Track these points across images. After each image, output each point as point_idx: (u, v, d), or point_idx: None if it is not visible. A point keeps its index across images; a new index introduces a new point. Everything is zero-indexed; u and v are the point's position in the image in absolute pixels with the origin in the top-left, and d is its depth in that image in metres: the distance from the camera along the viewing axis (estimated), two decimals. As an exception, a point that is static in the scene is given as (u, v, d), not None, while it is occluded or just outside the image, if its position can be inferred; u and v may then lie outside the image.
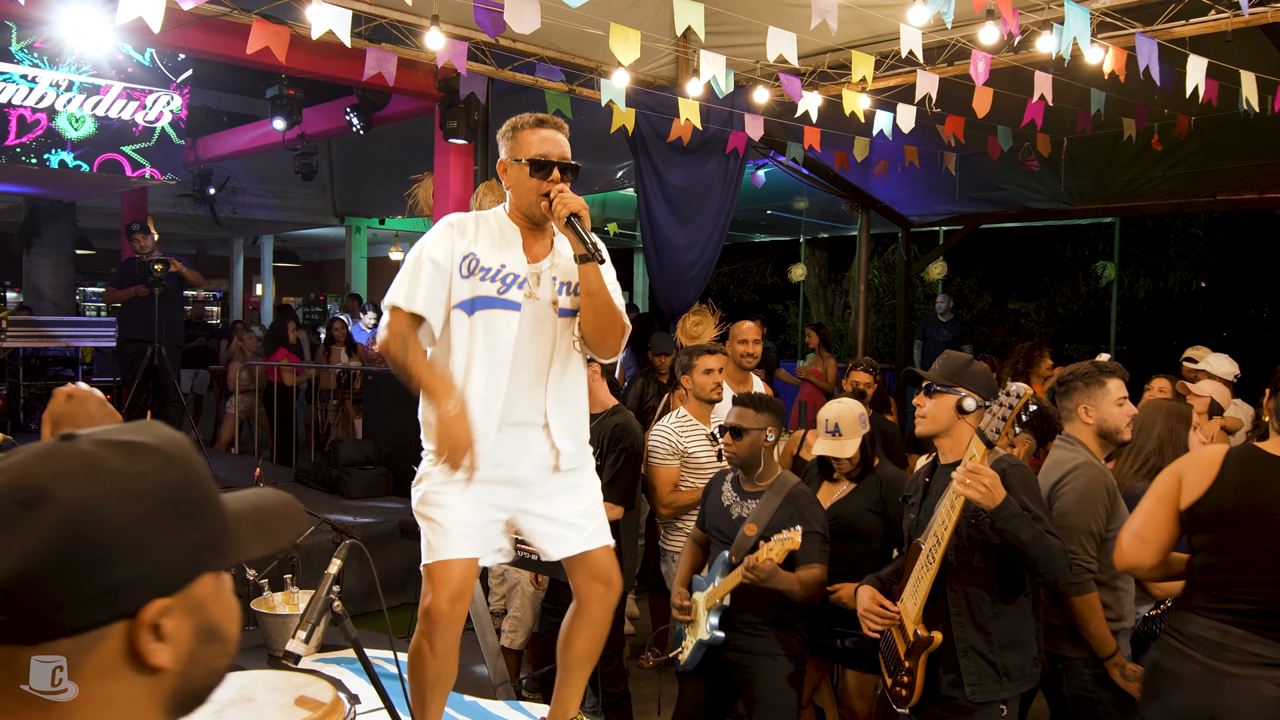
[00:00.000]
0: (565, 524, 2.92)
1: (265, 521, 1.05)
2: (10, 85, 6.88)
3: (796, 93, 5.79)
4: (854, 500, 3.95)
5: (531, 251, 2.86)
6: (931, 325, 11.22)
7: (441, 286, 2.78)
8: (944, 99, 6.34)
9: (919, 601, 2.98)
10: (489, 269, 2.79)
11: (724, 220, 7.64)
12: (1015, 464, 2.98)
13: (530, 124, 2.83)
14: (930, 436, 3.14)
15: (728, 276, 20.47)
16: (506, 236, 2.85)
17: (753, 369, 5.41)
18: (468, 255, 2.79)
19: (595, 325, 2.85)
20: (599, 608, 3.00)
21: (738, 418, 3.76)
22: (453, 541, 2.74)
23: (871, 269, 16.71)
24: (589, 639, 3.04)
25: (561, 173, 2.79)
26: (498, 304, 2.78)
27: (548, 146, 2.80)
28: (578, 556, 2.95)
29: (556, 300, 2.85)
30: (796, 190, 11.29)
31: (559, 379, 2.86)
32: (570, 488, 2.94)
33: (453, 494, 2.77)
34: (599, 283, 2.78)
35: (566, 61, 6.81)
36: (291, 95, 6.95)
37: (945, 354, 3.21)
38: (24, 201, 11.70)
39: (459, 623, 2.76)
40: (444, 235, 2.83)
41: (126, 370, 8.14)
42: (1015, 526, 2.75)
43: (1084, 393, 3.39)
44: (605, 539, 2.99)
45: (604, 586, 2.98)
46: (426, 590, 2.73)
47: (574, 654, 3.07)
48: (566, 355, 2.89)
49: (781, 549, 3.34)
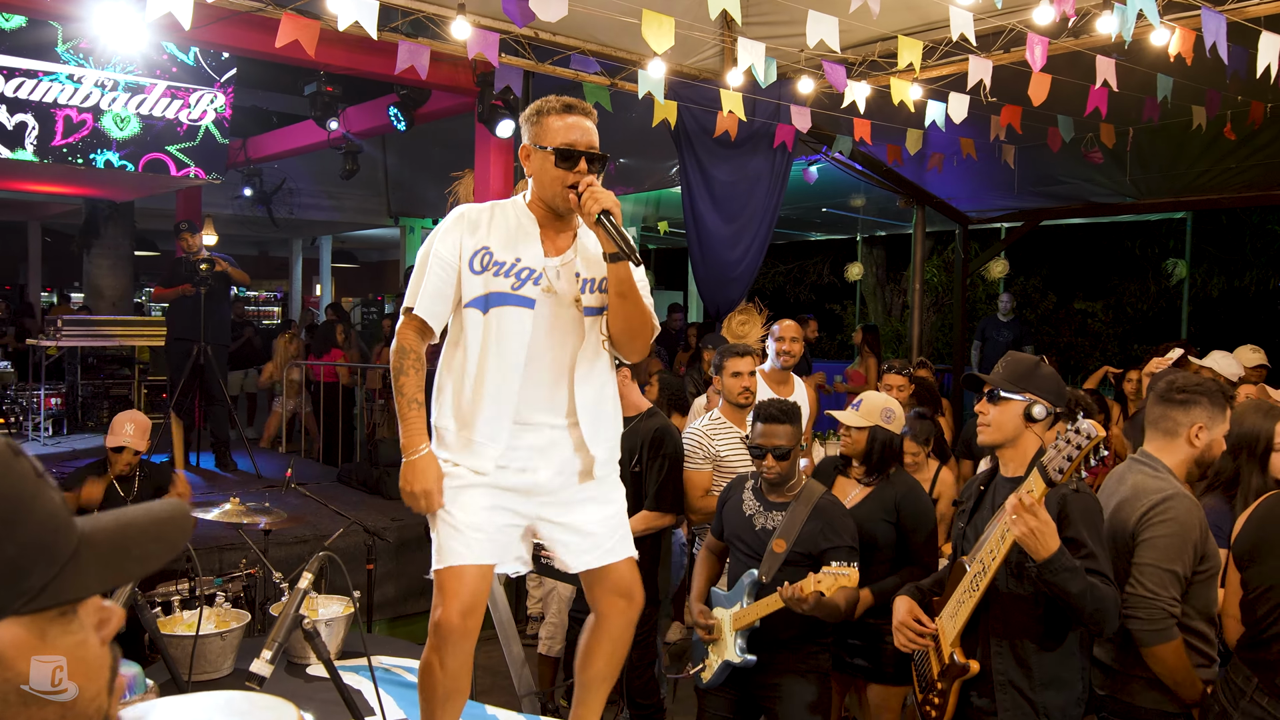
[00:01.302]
0: (587, 534, 2.75)
1: (124, 545, 0.87)
2: (56, 85, 6.95)
3: (840, 81, 5.56)
4: (867, 507, 3.75)
5: (552, 244, 2.70)
6: (991, 325, 10.87)
7: (448, 283, 2.65)
8: (1000, 88, 6.05)
9: (958, 625, 2.77)
10: (503, 263, 2.64)
11: (770, 217, 7.42)
12: (1079, 492, 2.70)
13: (557, 109, 2.66)
14: (995, 447, 2.88)
15: (784, 276, 20.22)
16: (524, 228, 2.69)
17: (791, 369, 5.20)
18: (480, 249, 2.64)
19: (625, 327, 2.69)
20: (620, 623, 2.84)
21: (778, 437, 3.54)
22: (466, 545, 2.59)
23: (930, 268, 16.36)
24: (609, 656, 2.88)
25: (589, 163, 2.62)
26: (511, 300, 2.63)
27: (574, 134, 2.63)
28: (598, 570, 2.78)
29: (580, 298, 2.68)
30: (852, 187, 11.01)
31: (586, 380, 2.69)
32: (595, 496, 2.77)
33: (469, 496, 2.63)
34: (630, 283, 2.61)
35: (608, 55, 6.65)
36: (330, 92, 6.91)
37: (1010, 355, 2.93)
38: (83, 203, 11.91)
39: (471, 637, 2.61)
40: (453, 229, 2.69)
41: (174, 369, 8.20)
42: (1064, 580, 2.51)
43: (1206, 411, 2.93)
44: (628, 551, 2.83)
45: (625, 601, 2.81)
46: (437, 601, 2.58)
47: (592, 672, 2.90)
48: (594, 355, 2.72)
49: (833, 584, 3.16)
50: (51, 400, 10.38)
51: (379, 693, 2.71)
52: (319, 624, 3.95)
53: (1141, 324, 15.39)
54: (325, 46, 6.10)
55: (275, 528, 5.00)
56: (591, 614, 2.88)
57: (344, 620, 4.00)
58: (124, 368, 11.20)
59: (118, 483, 4.92)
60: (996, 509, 2.78)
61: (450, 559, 2.58)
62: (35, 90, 6.87)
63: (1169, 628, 2.75)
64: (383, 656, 4.04)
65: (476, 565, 2.59)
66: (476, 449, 2.62)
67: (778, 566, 3.47)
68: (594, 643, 2.87)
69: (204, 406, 8.32)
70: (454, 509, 2.62)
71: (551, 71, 6.49)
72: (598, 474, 2.74)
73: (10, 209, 15.78)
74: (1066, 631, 2.71)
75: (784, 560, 3.47)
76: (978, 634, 2.78)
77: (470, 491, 2.63)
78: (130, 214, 12.14)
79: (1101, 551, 2.64)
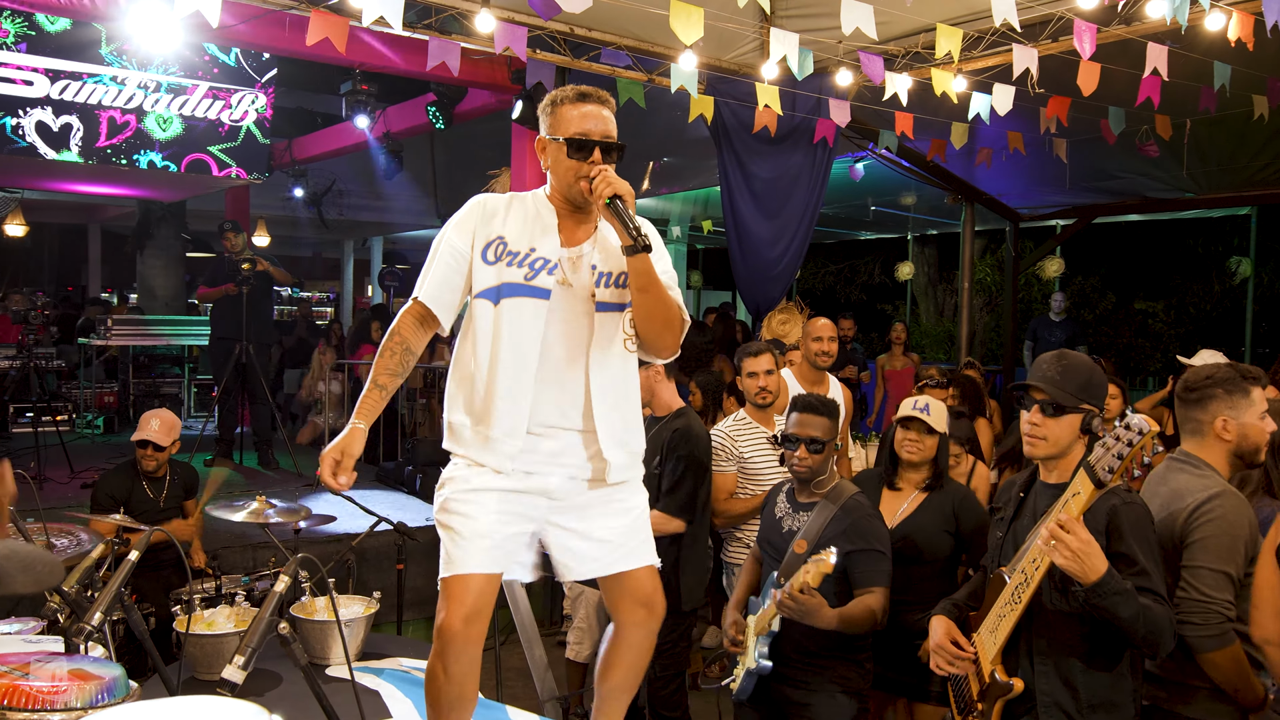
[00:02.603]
0: (600, 541, 2.65)
1: None
2: (100, 87, 7.05)
3: (877, 73, 5.40)
4: (924, 518, 3.56)
5: (570, 236, 2.60)
6: (1043, 325, 10.57)
7: (458, 272, 2.58)
8: (1049, 78, 5.85)
9: (999, 642, 2.59)
10: (517, 253, 2.55)
11: (811, 214, 7.28)
12: (1130, 500, 2.51)
13: (571, 98, 2.58)
14: (1048, 459, 2.67)
15: (834, 275, 20.00)
16: (542, 219, 2.60)
17: (828, 368, 5.06)
18: (494, 239, 2.56)
19: (649, 322, 2.58)
20: (640, 634, 2.74)
21: (813, 428, 3.40)
22: (471, 554, 2.51)
23: (983, 267, 16.03)
24: (629, 667, 2.78)
25: (604, 153, 2.53)
26: (524, 291, 2.54)
27: (589, 124, 2.54)
28: (616, 577, 2.68)
29: (595, 292, 2.58)
30: (901, 184, 10.78)
31: (600, 379, 2.59)
32: (610, 501, 2.67)
33: (477, 503, 2.54)
34: (650, 275, 2.50)
35: (645, 50, 6.56)
36: (365, 90, 6.92)
37: (1064, 360, 2.67)
38: (137, 205, 12.12)
39: (476, 644, 2.53)
40: (468, 218, 2.61)
41: (218, 367, 8.29)
42: (1114, 604, 2.33)
43: (1224, 401, 2.80)
44: (649, 558, 2.72)
45: (645, 611, 2.71)
46: (441, 607, 2.51)
47: (612, 683, 2.81)
48: (610, 354, 2.61)
49: (817, 573, 3.00)
50: (105, 397, 10.60)
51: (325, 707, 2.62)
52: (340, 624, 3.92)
53: (1205, 325, 14.96)
54: (359, 45, 6.11)
55: (305, 527, 5.00)
56: (611, 624, 2.79)
57: (364, 621, 3.95)
58: (175, 366, 11.40)
59: (147, 483, 4.94)
60: (1039, 516, 2.62)
61: (455, 567, 2.50)
62: (80, 92, 6.98)
63: (1226, 632, 2.60)
64: (403, 659, 3.99)
65: (483, 574, 2.51)
66: (494, 445, 2.54)
67: (798, 568, 3.33)
68: (613, 653, 2.78)
69: (248, 405, 8.39)
70: (461, 516, 2.53)
71: (585, 67, 6.41)
72: (612, 479, 2.64)
73: (70, 212, 16.17)
74: (1117, 650, 2.53)
75: (803, 561, 3.33)
76: (1019, 651, 2.60)
77: (480, 497, 2.54)
78: (182, 215, 12.32)
79: (1155, 567, 2.46)
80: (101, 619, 1.98)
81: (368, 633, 4.03)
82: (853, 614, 3.16)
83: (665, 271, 2.57)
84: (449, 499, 2.57)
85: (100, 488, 4.93)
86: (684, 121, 6.71)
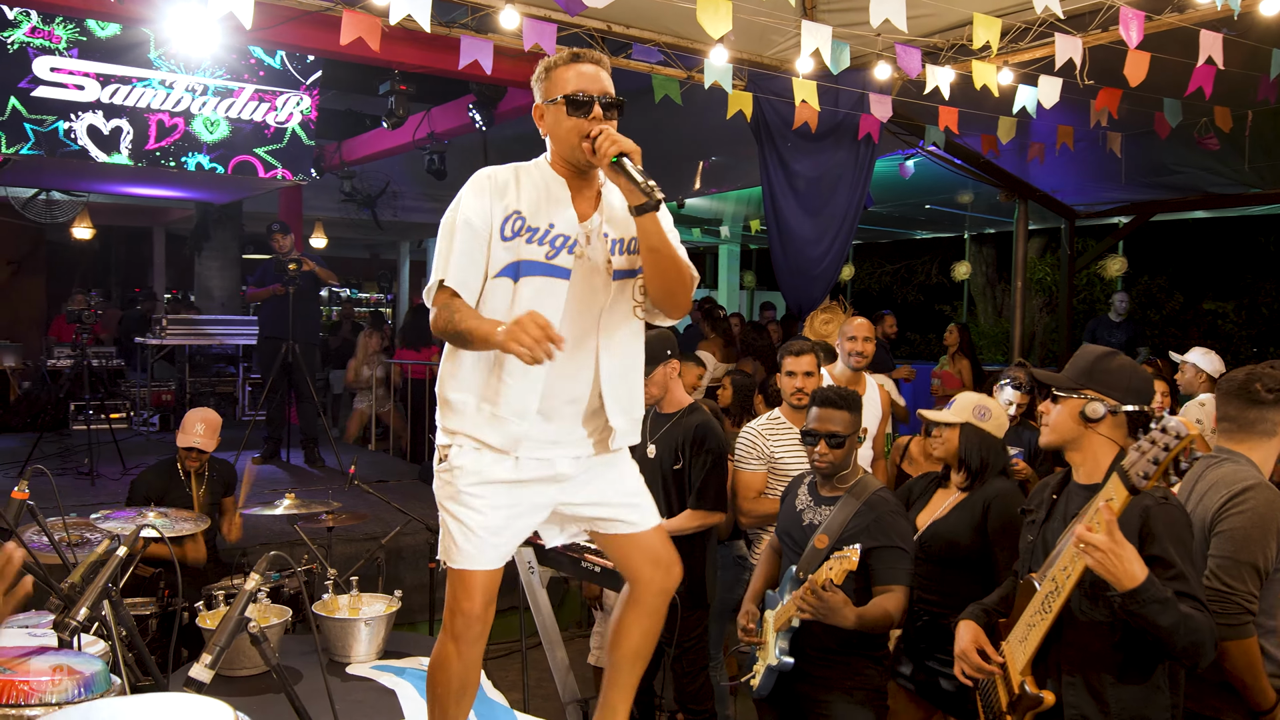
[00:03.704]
0: (617, 504, 2.66)
1: None
2: (149, 91, 7.20)
3: (913, 67, 5.27)
4: (956, 519, 3.43)
5: (580, 208, 2.53)
6: (1103, 326, 10.25)
7: (480, 251, 2.46)
8: (1100, 69, 5.65)
9: (1028, 652, 2.48)
10: (536, 229, 2.46)
11: (854, 212, 7.14)
12: (1165, 502, 2.39)
13: (565, 60, 2.52)
14: (1056, 449, 2.62)
15: (890, 276, 19.73)
16: (553, 192, 2.51)
17: (863, 369, 4.94)
18: (511, 214, 2.46)
19: (663, 283, 2.51)
20: (654, 593, 2.71)
21: (834, 423, 3.34)
22: (486, 551, 2.49)
23: (1043, 266, 15.65)
24: (644, 632, 2.74)
25: (604, 110, 2.45)
26: (546, 270, 2.46)
27: (585, 82, 2.47)
28: (630, 539, 2.67)
29: (610, 260, 2.52)
30: (956, 183, 10.55)
31: (609, 348, 2.54)
32: (610, 465, 2.66)
33: (489, 498, 2.49)
34: (661, 233, 2.43)
35: (684, 47, 6.49)
36: (404, 91, 6.96)
37: (1081, 349, 2.68)
38: (195, 208, 12.39)
39: (488, 628, 2.53)
40: (480, 193, 2.49)
41: (265, 366, 8.40)
42: (1153, 613, 2.21)
43: None
44: (656, 519, 2.72)
45: (663, 572, 2.70)
46: (458, 594, 2.49)
47: (626, 649, 2.76)
48: (619, 322, 2.57)
49: (840, 570, 2.92)
50: (162, 395, 10.83)
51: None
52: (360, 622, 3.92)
53: (1278, 325, 14.41)
54: (397, 45, 6.13)
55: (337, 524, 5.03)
56: (625, 587, 2.76)
57: (384, 619, 3.95)
58: (229, 365, 11.61)
59: (186, 480, 5.00)
60: (1070, 519, 2.51)
61: (470, 562, 2.48)
62: (129, 96, 7.14)
63: (1245, 624, 2.52)
64: (424, 658, 3.97)
65: (496, 569, 2.52)
66: (501, 424, 2.48)
67: (818, 563, 3.24)
68: (629, 617, 2.74)
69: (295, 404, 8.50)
70: (474, 512, 2.49)
71: (622, 64, 6.35)
72: (614, 445, 2.62)
73: (135, 215, 16.61)
74: (1151, 663, 2.40)
75: (824, 557, 3.24)
76: (1050, 666, 2.49)
77: (492, 491, 2.50)
78: (238, 217, 12.57)
79: (1192, 571, 2.34)
80: (88, 614, 1.97)
81: (389, 631, 4.03)
82: (870, 614, 3.09)
83: (670, 229, 2.51)
84: (461, 491, 2.50)
85: (138, 484, 5.00)
86: (732, 120, 6.62)
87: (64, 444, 8.75)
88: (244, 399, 11.49)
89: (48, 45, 6.75)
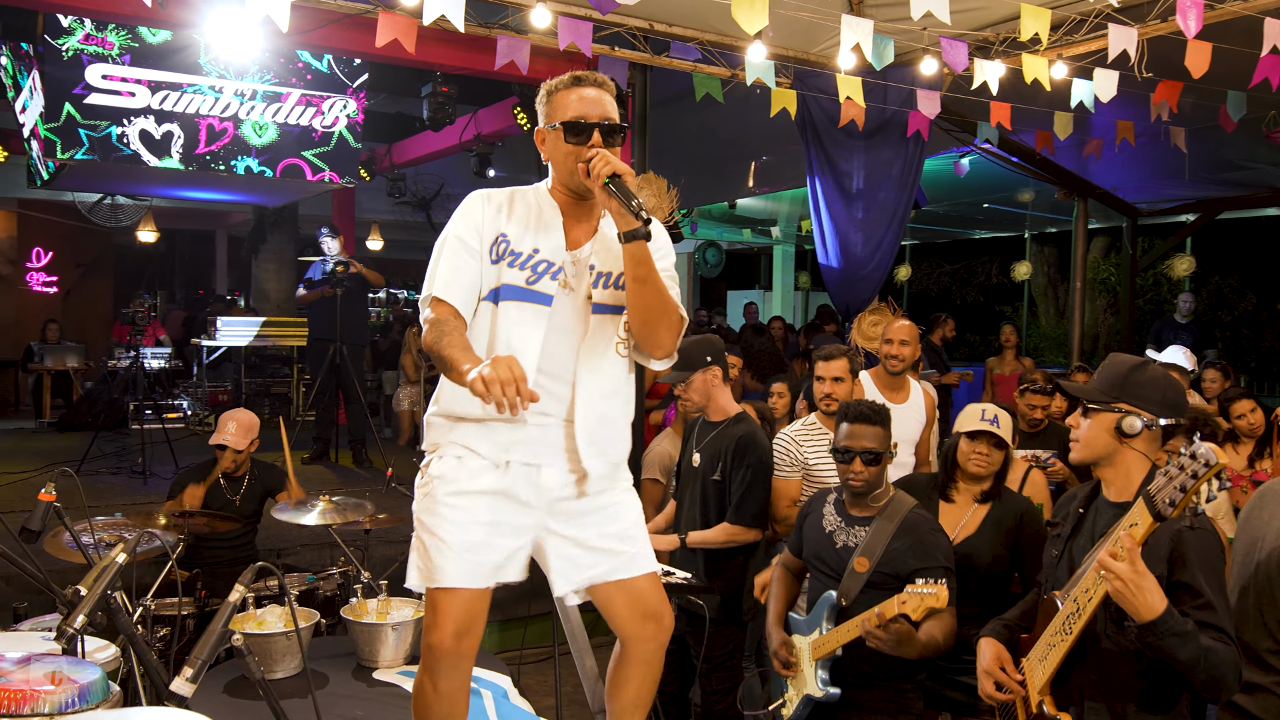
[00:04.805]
0: (597, 550, 2.48)
1: None
2: (199, 96, 7.31)
3: (959, 61, 5.10)
4: (984, 536, 3.35)
5: (572, 236, 2.47)
6: (1168, 328, 9.92)
7: (471, 267, 2.40)
8: (1161, 61, 5.44)
9: (1047, 671, 2.39)
10: (519, 254, 2.41)
11: (903, 211, 6.99)
12: (1199, 526, 2.28)
13: (566, 84, 2.45)
14: (1087, 465, 2.50)
15: (949, 276, 19.37)
16: (544, 217, 2.46)
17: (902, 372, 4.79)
18: (498, 236, 2.41)
19: (645, 317, 2.41)
20: (649, 649, 2.56)
21: (867, 439, 3.21)
22: (461, 569, 2.35)
23: (1107, 266, 15.23)
24: (640, 683, 2.61)
25: (604, 135, 2.39)
26: (525, 296, 2.40)
27: (586, 107, 2.41)
28: (614, 586, 2.50)
29: (591, 294, 2.44)
30: (1017, 181, 10.30)
31: (587, 384, 2.44)
32: (602, 508, 2.51)
33: (467, 509, 2.38)
34: (649, 264, 2.33)
35: (728, 45, 6.39)
36: (445, 92, 6.97)
37: (1109, 358, 2.55)
38: (252, 211, 12.59)
39: (468, 659, 2.42)
40: (473, 212, 2.44)
41: (315, 368, 8.48)
42: (1171, 646, 2.10)
43: None
44: (649, 565, 2.54)
45: (654, 625, 2.53)
46: (429, 620, 2.37)
47: (624, 701, 2.65)
48: (598, 358, 2.46)
49: (921, 606, 2.80)
50: (219, 395, 11.02)
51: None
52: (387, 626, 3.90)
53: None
54: (436, 46, 6.12)
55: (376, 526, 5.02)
56: (617, 643, 2.62)
57: (412, 624, 3.92)
58: (284, 366, 11.77)
59: (225, 482, 5.03)
60: (1098, 537, 2.39)
61: (443, 579, 2.34)
62: (180, 102, 7.26)
63: None
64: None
65: (474, 589, 2.37)
66: (487, 429, 2.39)
67: (859, 588, 3.14)
68: (624, 671, 2.61)
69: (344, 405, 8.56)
70: (450, 524, 2.36)
71: (664, 63, 6.28)
72: (599, 489, 2.49)
73: (199, 218, 17.01)
74: (1175, 691, 2.30)
75: (866, 581, 3.14)
76: (1070, 684, 2.39)
77: (470, 502, 2.38)
78: (294, 219, 12.74)
79: (1221, 601, 2.22)
80: (84, 622, 1.95)
81: (417, 636, 4.00)
82: (935, 638, 2.99)
83: (666, 270, 2.42)
84: (440, 501, 2.39)
85: (177, 484, 5.04)
86: (785, 119, 6.51)
87: (123, 443, 8.92)
88: (298, 399, 11.64)
89: (101, 52, 6.88)
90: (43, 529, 2.96)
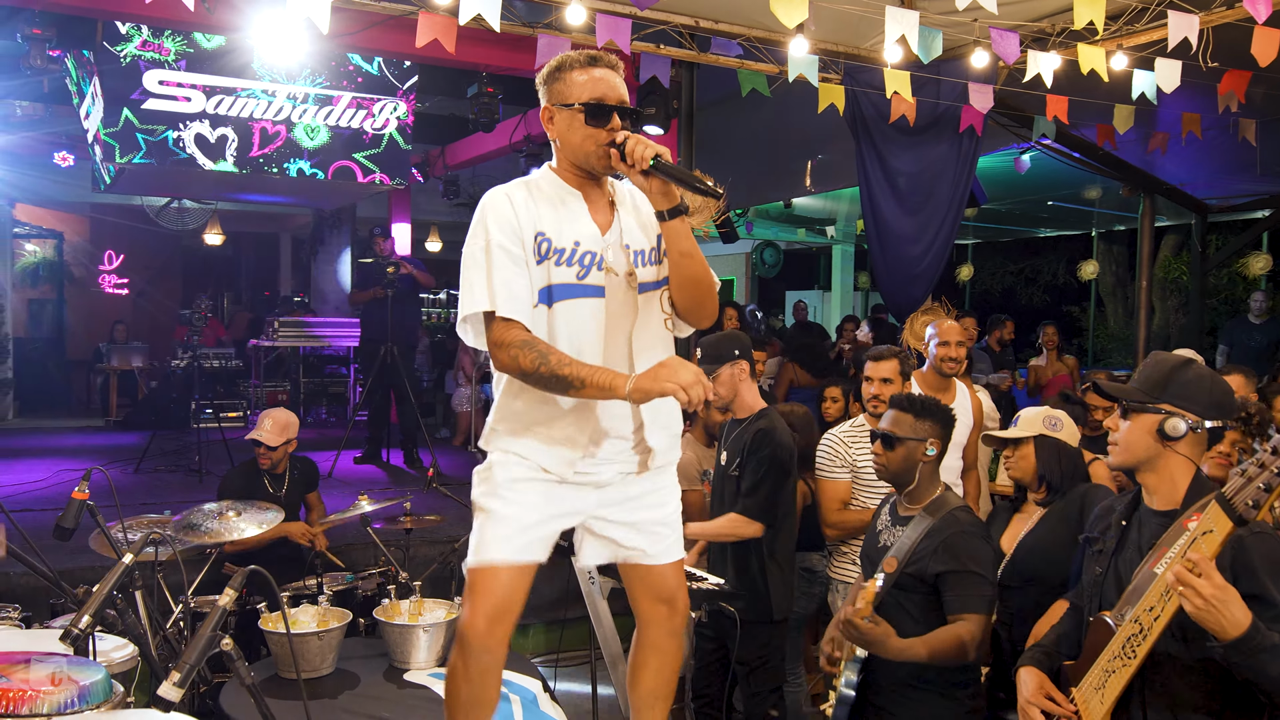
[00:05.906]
0: (644, 532, 2.52)
1: None
2: (252, 100, 7.42)
3: (1010, 53, 4.94)
4: (1044, 530, 3.21)
5: (598, 219, 2.43)
6: (1240, 328, 9.54)
7: (524, 276, 2.33)
8: (1228, 50, 5.21)
9: (1108, 701, 2.18)
10: (563, 250, 2.36)
11: (957, 209, 6.80)
12: (1259, 531, 2.11)
13: (581, 62, 2.41)
14: (1128, 470, 2.36)
15: (1014, 276, 18.92)
16: (570, 206, 2.41)
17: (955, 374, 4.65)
18: (537, 235, 2.35)
19: (694, 291, 2.41)
20: (662, 634, 2.60)
21: (892, 423, 3.12)
22: (505, 542, 2.35)
23: (1178, 264, 14.72)
24: (658, 670, 2.62)
25: (622, 118, 2.36)
26: (579, 292, 2.36)
27: (603, 88, 2.36)
28: (640, 570, 2.54)
29: (634, 272, 2.41)
30: (1082, 178, 9.99)
31: (643, 365, 2.38)
32: (653, 490, 2.54)
33: (521, 491, 2.38)
34: (691, 238, 2.34)
35: (774, 40, 6.29)
36: (490, 93, 6.98)
37: (1151, 357, 2.40)
38: (312, 213, 12.78)
39: (501, 644, 2.39)
40: (505, 213, 2.36)
41: (367, 368, 8.57)
42: (1263, 662, 1.93)
43: None
44: (678, 553, 2.58)
45: (667, 608, 2.58)
46: (465, 602, 2.37)
47: (643, 690, 2.64)
48: (653, 337, 2.45)
49: (864, 599, 2.73)
50: (278, 395, 11.21)
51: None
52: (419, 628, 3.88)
53: None
54: (480, 46, 6.12)
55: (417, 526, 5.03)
56: (636, 628, 2.65)
57: (444, 626, 3.90)
58: (341, 367, 11.93)
59: (268, 480, 5.08)
60: (1147, 550, 2.24)
61: (484, 554, 2.33)
62: (234, 106, 7.38)
63: None
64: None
65: (515, 565, 2.35)
66: (553, 451, 2.39)
67: (886, 589, 3.03)
68: (638, 657, 2.65)
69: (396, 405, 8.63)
70: (502, 500, 2.37)
71: (709, 60, 6.19)
72: (654, 465, 2.51)
73: (263, 221, 17.32)
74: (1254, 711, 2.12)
75: (893, 583, 3.02)
76: (1129, 705, 2.20)
77: (525, 487, 2.39)
78: (351, 222, 12.90)
79: None
80: (89, 623, 1.95)
81: (450, 637, 3.97)
82: (936, 644, 2.83)
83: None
84: (499, 482, 2.39)
85: (224, 484, 5.11)
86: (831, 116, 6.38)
87: (183, 441, 9.11)
88: (355, 399, 11.79)
89: (157, 58, 7.02)
90: (75, 526, 3.01)
